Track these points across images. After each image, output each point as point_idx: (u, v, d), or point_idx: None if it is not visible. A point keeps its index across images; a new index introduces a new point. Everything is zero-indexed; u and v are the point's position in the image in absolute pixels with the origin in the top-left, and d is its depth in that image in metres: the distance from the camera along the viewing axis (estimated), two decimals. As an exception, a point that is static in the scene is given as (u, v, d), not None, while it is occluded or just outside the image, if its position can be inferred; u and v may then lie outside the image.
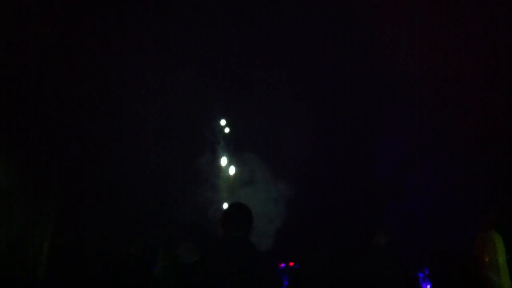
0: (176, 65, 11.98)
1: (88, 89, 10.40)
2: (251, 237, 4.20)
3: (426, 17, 11.13)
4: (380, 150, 12.20)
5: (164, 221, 11.47)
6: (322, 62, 12.58)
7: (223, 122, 13.34)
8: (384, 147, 12.11)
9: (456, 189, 11.18)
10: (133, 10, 11.35)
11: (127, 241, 5.58)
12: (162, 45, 12.09)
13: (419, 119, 11.65)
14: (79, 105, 10.22)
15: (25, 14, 8.49)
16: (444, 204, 11.44)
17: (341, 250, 5.26)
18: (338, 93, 12.53)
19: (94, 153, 10.56)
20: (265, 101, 12.72)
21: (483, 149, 10.73)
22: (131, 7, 11.27)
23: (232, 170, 13.26)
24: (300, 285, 5.12)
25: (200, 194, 12.52)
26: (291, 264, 10.79)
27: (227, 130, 13.23)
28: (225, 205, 12.50)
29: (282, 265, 11.09)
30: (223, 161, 13.22)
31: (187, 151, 12.49)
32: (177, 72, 11.93)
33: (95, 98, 10.65)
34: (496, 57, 10.49)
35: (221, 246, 4.07)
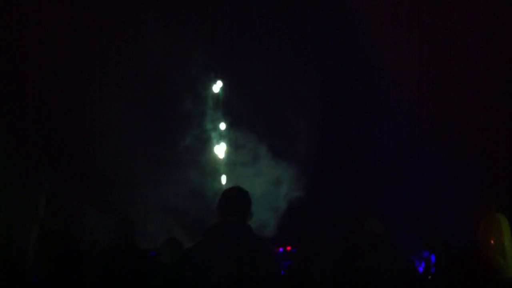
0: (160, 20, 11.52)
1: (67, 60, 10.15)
2: (249, 221, 4.12)
3: (427, 16, 11.12)
4: (381, 137, 12.16)
5: (158, 207, 11.33)
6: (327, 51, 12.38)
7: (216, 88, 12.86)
8: (385, 134, 12.07)
9: (452, 176, 11.18)
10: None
11: (119, 229, 5.48)
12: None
13: (418, 111, 11.62)
14: (59, 84, 10.00)
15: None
16: (440, 190, 11.44)
17: (341, 241, 5.18)
18: (343, 81, 12.37)
19: (77, 138, 10.34)
20: (265, 73, 12.36)
21: (481, 140, 10.73)
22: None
23: (224, 150, 12.96)
24: (300, 273, 5.04)
25: (191, 178, 12.23)
26: (288, 248, 10.73)
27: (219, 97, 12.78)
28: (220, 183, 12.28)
29: (280, 249, 11.03)
30: (217, 140, 12.91)
31: (174, 129, 12.15)
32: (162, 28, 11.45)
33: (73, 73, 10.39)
34: (494, 53, 10.48)
35: (217, 230, 3.98)
